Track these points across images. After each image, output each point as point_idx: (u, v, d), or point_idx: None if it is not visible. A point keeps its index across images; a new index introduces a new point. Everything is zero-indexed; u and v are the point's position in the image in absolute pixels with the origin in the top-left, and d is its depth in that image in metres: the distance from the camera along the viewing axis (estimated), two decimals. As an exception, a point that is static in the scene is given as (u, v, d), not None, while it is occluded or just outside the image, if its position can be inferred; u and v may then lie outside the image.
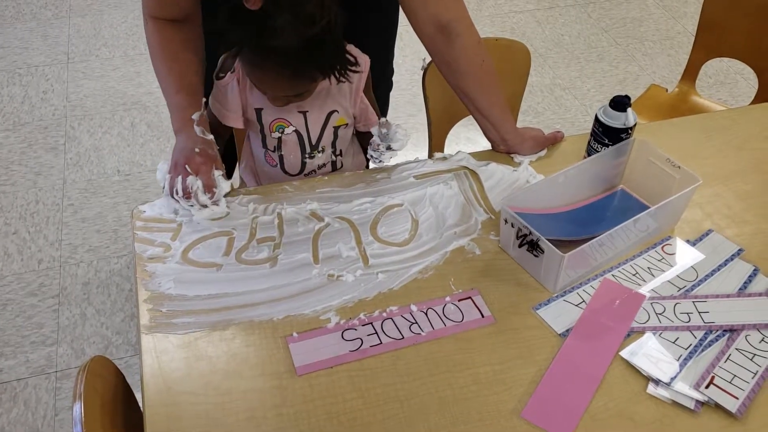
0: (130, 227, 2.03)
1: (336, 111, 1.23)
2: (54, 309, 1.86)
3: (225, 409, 0.88)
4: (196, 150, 1.11)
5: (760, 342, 0.97)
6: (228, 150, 1.65)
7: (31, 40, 2.90)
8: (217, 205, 1.12)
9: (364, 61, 1.22)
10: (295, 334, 0.97)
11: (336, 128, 1.25)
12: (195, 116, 1.14)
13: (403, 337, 0.97)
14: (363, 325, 0.98)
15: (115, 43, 2.89)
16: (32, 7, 3.09)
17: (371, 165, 1.29)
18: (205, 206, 1.11)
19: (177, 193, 1.10)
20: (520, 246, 1.05)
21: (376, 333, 0.97)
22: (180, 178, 1.10)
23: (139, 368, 0.93)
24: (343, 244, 1.09)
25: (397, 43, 1.55)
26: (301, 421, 0.87)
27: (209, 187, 1.10)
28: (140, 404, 0.91)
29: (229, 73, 1.18)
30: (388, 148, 1.22)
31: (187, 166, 1.10)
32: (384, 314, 1.00)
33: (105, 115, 2.53)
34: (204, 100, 1.18)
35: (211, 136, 1.15)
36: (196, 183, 1.09)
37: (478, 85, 1.24)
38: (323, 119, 1.22)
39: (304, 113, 1.21)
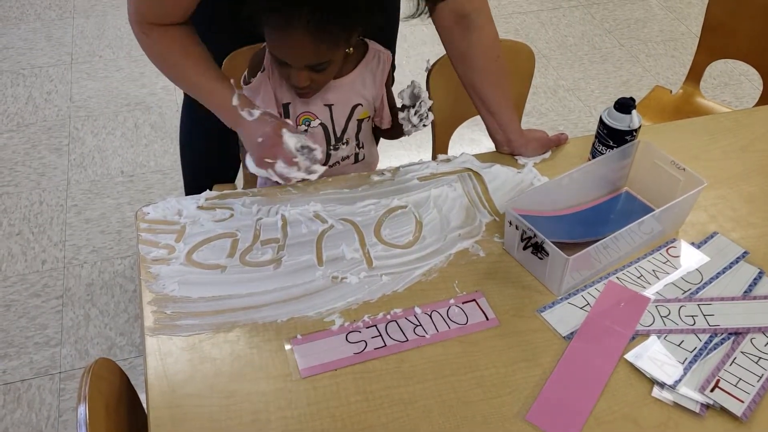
0: (133, 228, 2.04)
1: (360, 104, 1.24)
2: (58, 310, 1.87)
3: (229, 411, 0.88)
4: (258, 140, 1.12)
5: (765, 345, 0.97)
6: (229, 149, 1.65)
7: (35, 40, 2.90)
8: (316, 158, 1.14)
9: (387, 56, 1.24)
10: (299, 336, 0.97)
11: (359, 121, 1.26)
12: (235, 101, 1.14)
13: (408, 340, 0.97)
14: (367, 328, 0.98)
15: (118, 44, 2.90)
16: (36, 8, 3.09)
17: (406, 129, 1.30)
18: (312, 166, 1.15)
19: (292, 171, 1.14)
20: (524, 248, 1.05)
21: (380, 335, 0.97)
22: (279, 165, 1.13)
23: (144, 370, 0.93)
24: (346, 246, 1.09)
25: (401, 44, 1.55)
26: (305, 424, 0.87)
27: (290, 160, 1.13)
28: (144, 406, 0.91)
29: (259, 73, 1.18)
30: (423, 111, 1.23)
31: (267, 159, 1.13)
32: (388, 316, 1.00)
33: (109, 116, 2.53)
34: (231, 80, 1.17)
35: (257, 112, 1.14)
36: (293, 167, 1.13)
37: (491, 81, 1.24)
38: (348, 112, 1.24)
39: (330, 107, 1.22)
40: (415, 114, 1.21)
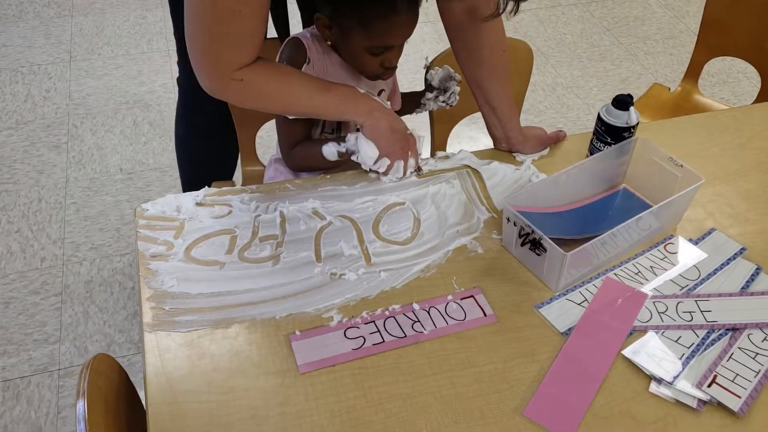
0: (132, 226, 2.04)
1: (383, 90, 1.27)
2: (57, 307, 1.87)
3: (228, 407, 0.88)
4: (408, 132, 1.20)
5: (762, 341, 0.97)
6: (230, 146, 1.66)
7: (34, 38, 2.90)
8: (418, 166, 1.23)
9: None
10: (297, 333, 0.97)
11: None
12: (361, 90, 1.15)
13: (406, 336, 0.97)
14: (365, 324, 0.98)
15: (117, 42, 2.90)
16: (35, 6, 3.09)
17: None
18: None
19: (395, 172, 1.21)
20: (522, 245, 1.05)
21: (379, 331, 0.97)
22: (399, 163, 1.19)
23: (142, 366, 0.93)
24: (345, 243, 1.09)
25: (399, 41, 1.55)
26: (304, 420, 0.87)
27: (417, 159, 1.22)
28: (143, 402, 0.91)
29: (305, 65, 1.17)
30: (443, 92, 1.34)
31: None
32: (386, 313, 1.00)
33: (107, 114, 2.53)
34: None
35: (388, 103, 1.20)
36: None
37: (495, 75, 1.24)
38: None
39: None
40: (443, 101, 1.33)
